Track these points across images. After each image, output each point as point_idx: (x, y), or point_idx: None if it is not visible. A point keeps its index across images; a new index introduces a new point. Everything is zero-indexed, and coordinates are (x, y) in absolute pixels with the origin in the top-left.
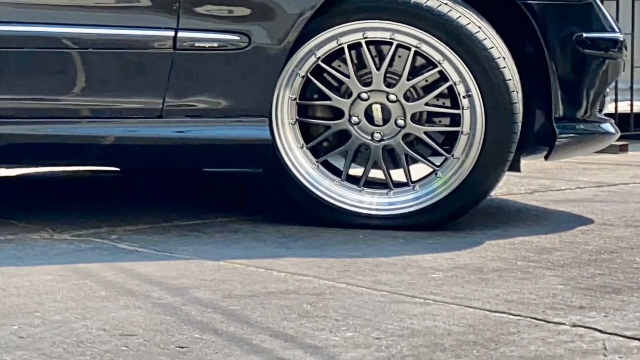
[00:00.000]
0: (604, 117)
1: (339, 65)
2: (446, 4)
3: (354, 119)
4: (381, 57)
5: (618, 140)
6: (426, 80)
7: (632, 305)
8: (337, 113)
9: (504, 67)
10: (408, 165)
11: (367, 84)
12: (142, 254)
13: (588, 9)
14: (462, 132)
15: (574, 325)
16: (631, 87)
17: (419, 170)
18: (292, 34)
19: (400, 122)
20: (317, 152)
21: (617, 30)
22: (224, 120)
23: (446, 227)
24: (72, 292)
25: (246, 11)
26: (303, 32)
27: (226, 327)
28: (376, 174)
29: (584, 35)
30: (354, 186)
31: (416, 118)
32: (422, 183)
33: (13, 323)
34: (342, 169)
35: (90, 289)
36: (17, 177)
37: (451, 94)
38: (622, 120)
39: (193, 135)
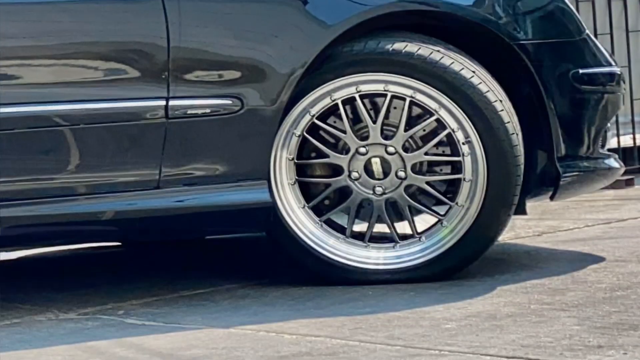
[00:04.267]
0: (607, 152)
1: (335, 122)
2: (438, 51)
3: (354, 175)
4: (376, 109)
5: (623, 174)
6: (424, 130)
7: None
8: (336, 170)
9: (502, 110)
10: (412, 216)
11: (364, 138)
12: (150, 327)
13: (582, 45)
14: (464, 179)
15: None
16: (632, 120)
17: (424, 220)
18: (284, 93)
19: (401, 173)
20: (319, 210)
21: (613, 64)
22: (223, 185)
23: (456, 276)
24: None
25: (236, 74)
26: (296, 91)
27: None
28: (381, 227)
29: (580, 71)
30: (360, 242)
31: (417, 168)
32: (428, 234)
33: None
34: (346, 226)
35: None
36: (17, 259)
37: (450, 141)
38: (625, 154)
39: (193, 203)
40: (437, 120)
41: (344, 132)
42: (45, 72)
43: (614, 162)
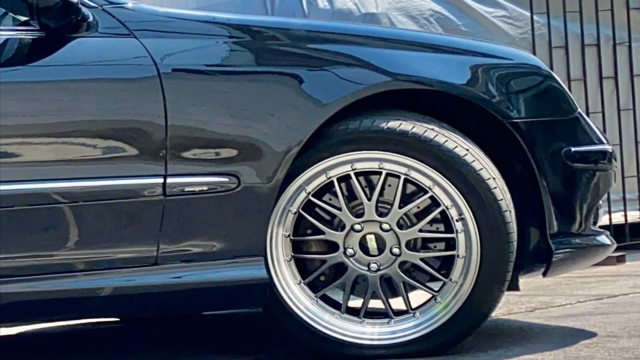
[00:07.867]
0: (599, 229)
1: (330, 199)
2: (432, 129)
3: (349, 251)
4: (371, 186)
5: (615, 251)
6: (418, 207)
7: None
8: (332, 246)
9: (495, 188)
10: (407, 292)
11: (359, 214)
12: None
13: (574, 123)
14: (458, 256)
15: None
16: (624, 197)
17: (418, 296)
18: (280, 171)
19: (396, 250)
20: (314, 286)
21: (605, 142)
22: (220, 262)
23: (450, 351)
24: None
25: (233, 152)
26: (292, 169)
27: None
28: (376, 303)
29: (573, 149)
30: (355, 318)
31: (411, 245)
32: (423, 309)
33: None
34: (341, 302)
35: None
36: (17, 334)
37: (444, 218)
38: (617, 231)
39: (190, 279)
40: (431, 197)
41: (340, 209)
42: (45, 150)
43: (605, 238)
